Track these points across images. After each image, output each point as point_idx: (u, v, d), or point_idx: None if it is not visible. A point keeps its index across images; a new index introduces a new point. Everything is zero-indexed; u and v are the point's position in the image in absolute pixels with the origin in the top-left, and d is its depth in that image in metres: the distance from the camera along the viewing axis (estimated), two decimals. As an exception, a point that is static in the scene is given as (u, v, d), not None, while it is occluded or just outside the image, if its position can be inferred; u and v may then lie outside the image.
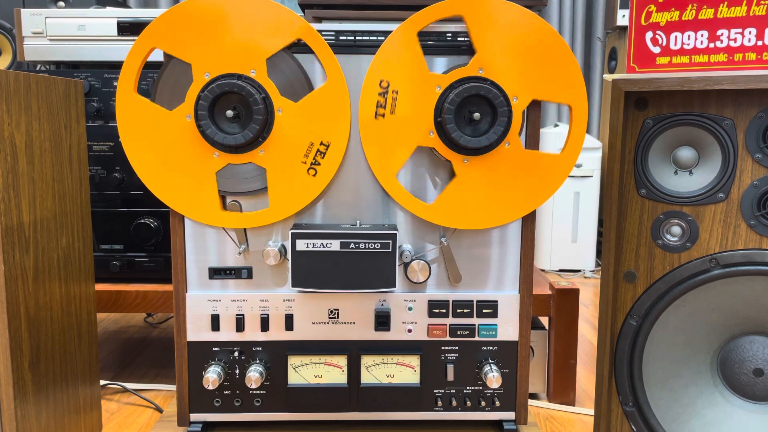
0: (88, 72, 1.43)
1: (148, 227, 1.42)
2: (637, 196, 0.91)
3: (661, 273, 0.92)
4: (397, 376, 1.02)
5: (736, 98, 0.88)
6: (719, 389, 0.94)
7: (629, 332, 0.93)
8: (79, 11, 1.45)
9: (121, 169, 1.42)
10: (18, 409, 0.94)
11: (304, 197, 0.96)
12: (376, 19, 1.44)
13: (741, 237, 0.90)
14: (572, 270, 2.76)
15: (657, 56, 0.92)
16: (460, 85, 0.92)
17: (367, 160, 0.95)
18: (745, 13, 0.89)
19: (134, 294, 1.41)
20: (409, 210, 0.97)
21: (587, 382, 1.57)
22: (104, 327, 1.98)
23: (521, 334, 1.03)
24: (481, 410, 1.04)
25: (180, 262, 1.00)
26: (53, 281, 1.05)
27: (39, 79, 0.99)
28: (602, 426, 0.95)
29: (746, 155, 0.89)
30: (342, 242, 0.93)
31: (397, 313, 1.01)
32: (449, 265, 1.00)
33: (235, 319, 1.01)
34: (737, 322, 0.92)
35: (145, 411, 1.40)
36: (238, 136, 0.92)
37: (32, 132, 0.98)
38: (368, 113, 0.93)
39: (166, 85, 0.95)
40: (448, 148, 0.94)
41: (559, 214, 2.73)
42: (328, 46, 0.93)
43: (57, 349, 1.06)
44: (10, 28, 1.93)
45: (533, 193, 0.96)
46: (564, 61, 0.93)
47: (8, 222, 0.92)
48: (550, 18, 3.03)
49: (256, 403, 1.03)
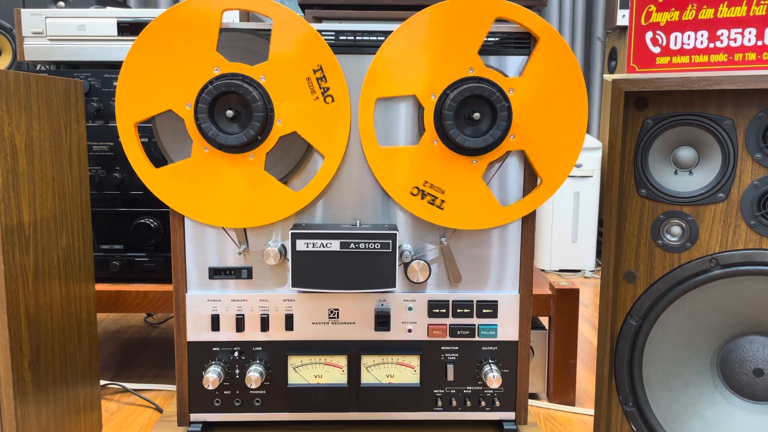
0: (88, 72, 1.43)
1: (148, 227, 1.42)
2: (637, 196, 0.91)
3: (661, 273, 0.92)
4: (397, 376, 1.02)
5: (736, 98, 0.88)
6: (719, 389, 0.94)
7: (629, 332, 0.93)
8: (79, 11, 1.45)
9: (121, 169, 1.42)
10: (18, 409, 0.94)
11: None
12: (376, 19, 1.44)
13: (741, 237, 0.90)
14: (572, 270, 2.76)
15: (657, 56, 0.92)
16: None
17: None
18: (745, 13, 0.89)
19: (134, 294, 1.41)
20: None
21: (587, 382, 1.57)
22: (104, 327, 1.98)
23: (521, 334, 1.03)
24: (481, 410, 1.04)
25: (180, 262, 1.00)
26: (53, 281, 1.05)
27: (39, 79, 0.99)
28: (602, 426, 0.95)
29: (746, 155, 0.89)
30: (342, 242, 0.93)
31: (397, 313, 1.01)
32: (449, 265, 1.00)
33: (235, 319, 1.01)
34: (737, 322, 0.92)
35: (145, 411, 1.40)
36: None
37: (32, 132, 0.98)
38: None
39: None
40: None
41: (559, 214, 2.73)
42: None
43: (57, 349, 1.06)
44: (10, 28, 1.93)
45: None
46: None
47: (8, 222, 0.92)
48: (550, 18, 3.03)
49: (256, 403, 1.03)
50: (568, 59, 0.92)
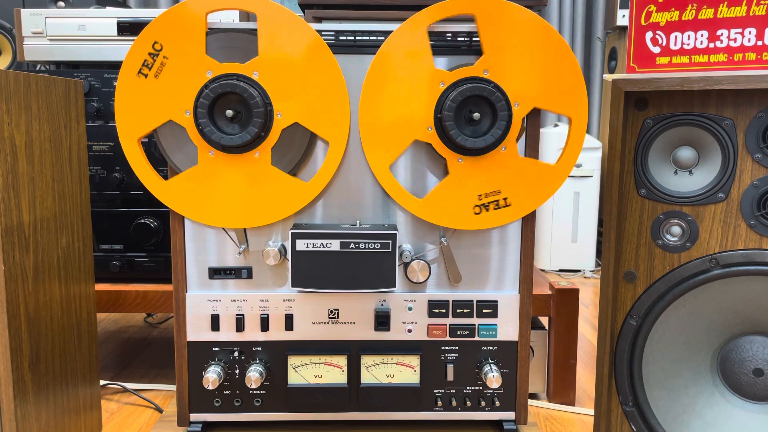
0: (88, 72, 1.43)
1: (148, 227, 1.42)
2: (637, 196, 0.91)
3: (661, 273, 0.92)
4: (397, 376, 1.02)
5: (736, 98, 0.88)
6: (719, 389, 0.94)
7: (629, 332, 0.93)
8: (79, 11, 1.45)
9: (121, 169, 1.42)
10: (18, 409, 0.94)
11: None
12: (376, 19, 1.44)
13: (741, 237, 0.90)
14: (572, 270, 2.76)
15: (657, 56, 0.92)
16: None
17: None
18: (745, 13, 0.89)
19: (134, 294, 1.41)
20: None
21: (587, 382, 1.57)
22: (104, 327, 1.98)
23: (521, 334, 1.03)
24: (481, 410, 1.04)
25: (180, 262, 1.00)
26: (53, 281, 1.05)
27: (39, 79, 0.99)
28: (602, 426, 0.95)
29: (746, 155, 0.89)
30: (342, 242, 0.93)
31: (397, 313, 1.01)
32: (449, 265, 1.00)
33: (235, 319, 1.01)
34: (737, 322, 0.92)
35: (145, 411, 1.40)
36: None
37: (32, 132, 0.98)
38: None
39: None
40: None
41: (559, 214, 2.73)
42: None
43: (57, 349, 1.06)
44: (10, 28, 1.93)
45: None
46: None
47: (8, 222, 0.92)
48: (550, 18, 3.03)
49: (256, 403, 1.03)
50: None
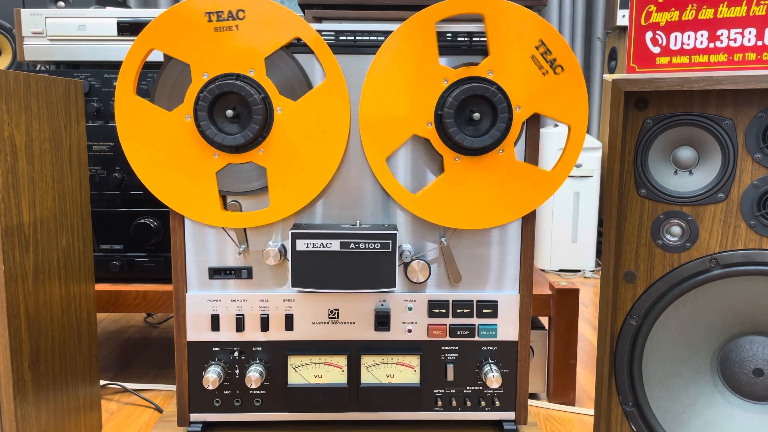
0: (88, 72, 1.43)
1: (148, 227, 1.42)
2: (637, 196, 0.91)
3: (661, 273, 0.92)
4: (397, 376, 1.02)
5: (736, 98, 0.88)
6: (719, 389, 0.94)
7: (629, 332, 0.93)
8: (79, 11, 1.45)
9: (121, 169, 1.42)
10: (18, 409, 0.94)
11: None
12: (376, 19, 1.44)
13: (741, 237, 0.90)
14: (572, 270, 2.76)
15: (657, 56, 0.92)
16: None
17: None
18: (745, 13, 0.89)
19: (134, 294, 1.41)
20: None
21: (587, 382, 1.57)
22: (104, 327, 1.98)
23: (521, 334, 1.03)
24: (481, 410, 1.04)
25: (180, 262, 1.00)
26: (53, 281, 1.05)
27: (39, 79, 0.99)
28: (602, 426, 0.95)
29: (746, 155, 0.89)
30: (342, 242, 0.93)
31: (397, 313, 1.01)
32: (449, 265, 1.00)
33: (235, 319, 1.01)
34: (737, 322, 0.92)
35: (145, 411, 1.40)
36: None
37: (32, 132, 0.98)
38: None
39: (166, 86, 0.95)
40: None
41: (559, 214, 2.73)
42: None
43: (57, 349, 1.06)
44: (10, 28, 1.93)
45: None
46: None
47: (8, 222, 0.92)
48: (550, 18, 3.03)
49: (256, 403, 1.03)
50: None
